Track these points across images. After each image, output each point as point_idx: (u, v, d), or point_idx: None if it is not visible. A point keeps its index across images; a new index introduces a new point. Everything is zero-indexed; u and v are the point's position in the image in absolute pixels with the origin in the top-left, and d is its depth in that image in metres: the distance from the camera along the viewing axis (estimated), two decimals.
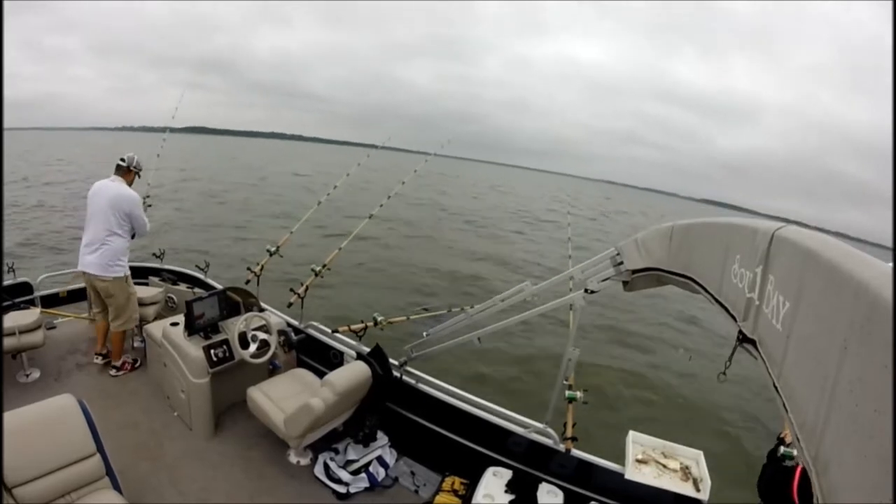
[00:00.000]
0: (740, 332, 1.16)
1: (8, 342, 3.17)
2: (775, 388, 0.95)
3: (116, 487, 2.12)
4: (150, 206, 4.22)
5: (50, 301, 4.08)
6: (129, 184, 3.48)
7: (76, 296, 4.24)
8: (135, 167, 3.50)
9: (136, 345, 3.93)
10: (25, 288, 3.90)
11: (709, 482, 2.22)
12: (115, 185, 3.38)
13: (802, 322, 0.87)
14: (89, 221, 3.37)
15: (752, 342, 1.11)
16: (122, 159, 3.44)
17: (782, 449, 2.22)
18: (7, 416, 1.90)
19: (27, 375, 3.38)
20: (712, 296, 1.39)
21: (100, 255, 3.34)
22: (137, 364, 3.65)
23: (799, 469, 1.84)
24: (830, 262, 0.78)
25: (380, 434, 3.08)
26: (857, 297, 0.68)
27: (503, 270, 11.99)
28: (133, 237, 3.57)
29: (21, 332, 3.23)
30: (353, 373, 2.81)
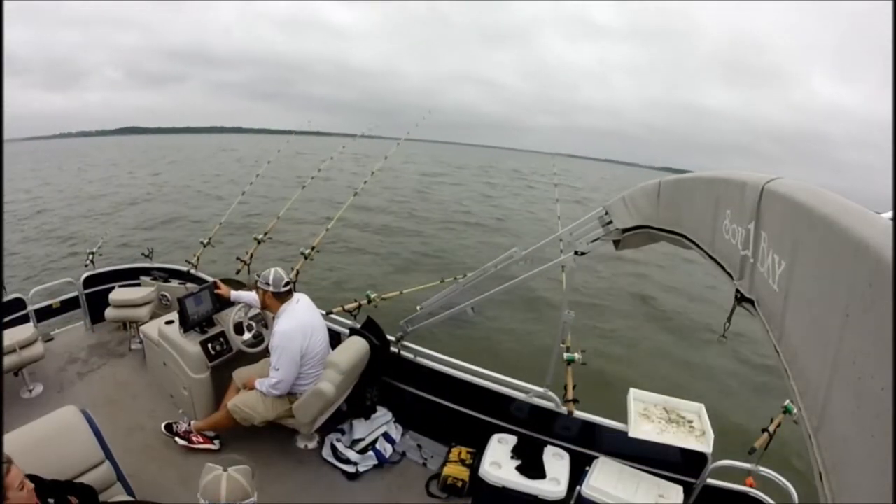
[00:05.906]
0: (738, 290, 1.09)
1: (9, 360, 3.12)
2: (776, 350, 0.89)
3: (128, 491, 2.14)
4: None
5: (44, 314, 4.04)
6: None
7: (70, 305, 4.20)
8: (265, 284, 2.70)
9: (133, 346, 3.93)
10: (19, 304, 3.85)
11: (712, 435, 2.22)
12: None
13: (800, 283, 0.79)
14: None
15: (751, 301, 1.04)
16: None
17: None
18: (12, 434, 1.89)
19: (30, 391, 3.36)
20: (706, 252, 1.31)
21: None
22: None
23: None
24: (826, 218, 0.69)
25: (384, 410, 3.11)
26: (857, 258, 0.60)
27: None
28: None
29: (21, 348, 3.19)
30: (353, 348, 2.79)
